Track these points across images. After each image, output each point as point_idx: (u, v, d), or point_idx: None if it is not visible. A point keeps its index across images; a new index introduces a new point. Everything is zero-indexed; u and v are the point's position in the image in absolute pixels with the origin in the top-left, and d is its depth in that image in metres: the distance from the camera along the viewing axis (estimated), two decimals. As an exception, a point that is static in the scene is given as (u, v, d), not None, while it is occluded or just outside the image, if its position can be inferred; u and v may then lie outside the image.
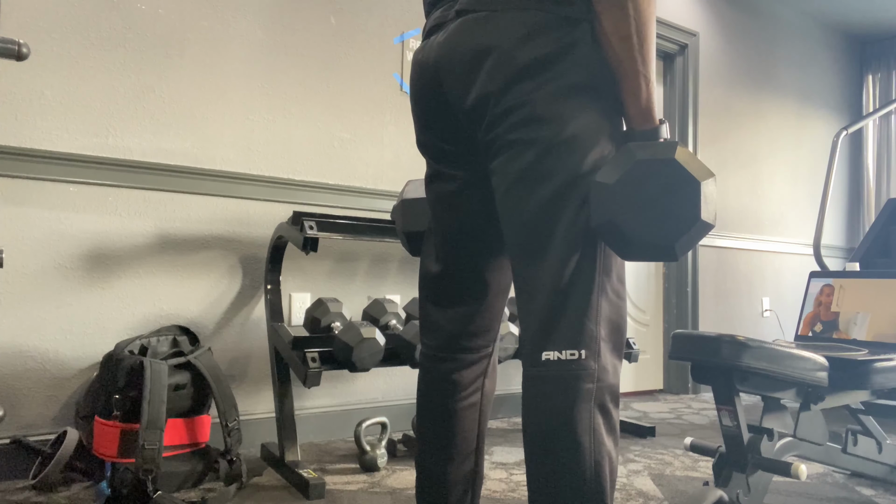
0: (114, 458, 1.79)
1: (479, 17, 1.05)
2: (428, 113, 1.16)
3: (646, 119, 1.02)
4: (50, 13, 2.05)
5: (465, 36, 1.06)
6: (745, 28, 4.26)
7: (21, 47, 1.28)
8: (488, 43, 1.03)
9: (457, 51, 1.07)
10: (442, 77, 1.10)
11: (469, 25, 1.06)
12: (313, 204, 2.53)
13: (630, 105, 1.03)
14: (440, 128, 1.15)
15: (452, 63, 1.08)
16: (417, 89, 1.17)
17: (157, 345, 2.06)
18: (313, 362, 1.95)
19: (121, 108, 2.17)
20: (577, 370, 0.97)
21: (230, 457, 1.95)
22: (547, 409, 0.98)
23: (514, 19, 1.02)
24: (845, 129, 3.25)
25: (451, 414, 1.21)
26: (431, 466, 1.23)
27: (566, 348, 0.98)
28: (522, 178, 1.02)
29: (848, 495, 2.01)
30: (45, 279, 2.03)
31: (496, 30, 1.03)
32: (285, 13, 2.51)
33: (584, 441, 0.97)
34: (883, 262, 2.77)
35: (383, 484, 2.01)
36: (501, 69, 1.01)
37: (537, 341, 1.00)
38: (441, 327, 1.23)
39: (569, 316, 0.99)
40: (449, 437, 1.22)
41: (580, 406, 0.97)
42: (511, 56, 1.01)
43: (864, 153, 4.98)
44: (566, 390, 0.97)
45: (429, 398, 1.24)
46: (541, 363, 0.99)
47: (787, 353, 1.53)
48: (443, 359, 1.23)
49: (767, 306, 4.31)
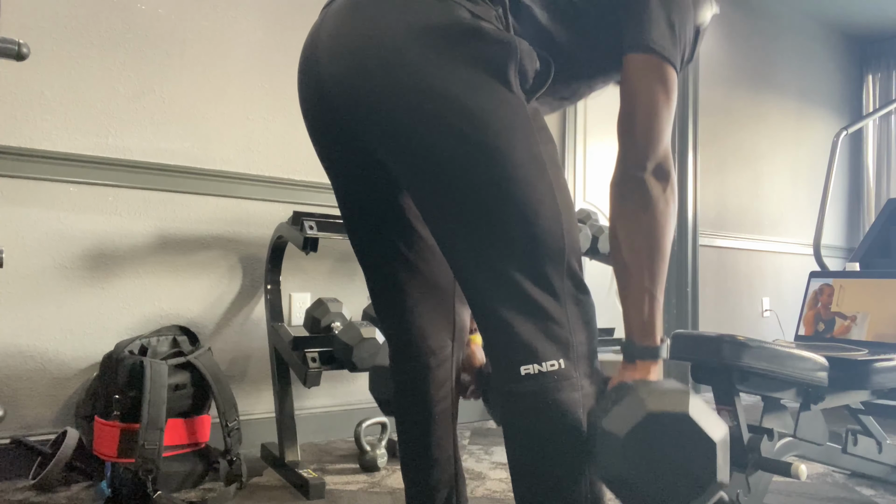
0: (114, 458, 1.79)
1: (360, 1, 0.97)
2: (311, 107, 1.08)
3: (646, 336, 0.98)
4: (50, 13, 2.05)
5: (342, 21, 0.97)
6: (745, 28, 4.26)
7: (21, 47, 1.28)
8: (371, 31, 0.94)
9: (336, 37, 0.98)
10: (321, 66, 1.00)
11: (350, 7, 0.98)
12: (313, 204, 2.53)
13: (629, 315, 0.99)
14: (326, 130, 1.07)
15: (332, 51, 0.98)
16: (300, 76, 1.08)
17: (157, 345, 2.06)
18: (313, 362, 1.95)
19: (121, 108, 2.17)
20: (561, 380, 0.92)
21: (230, 457, 1.95)
22: (536, 424, 0.93)
23: (400, 3, 0.93)
24: (845, 129, 3.25)
25: (428, 418, 1.19)
26: (415, 475, 1.21)
27: (545, 359, 0.92)
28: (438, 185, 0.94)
29: (848, 495, 2.01)
30: (45, 279, 2.03)
31: (378, 15, 0.94)
32: (285, 13, 2.51)
33: (575, 451, 0.92)
34: (883, 262, 2.77)
35: (383, 484, 2.01)
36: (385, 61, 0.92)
37: (511, 358, 0.93)
38: (393, 339, 1.20)
39: (541, 325, 0.93)
40: (427, 444, 1.19)
41: (568, 417, 0.92)
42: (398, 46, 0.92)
43: (864, 153, 4.98)
44: (550, 402, 0.91)
45: (405, 405, 1.21)
46: (520, 378, 0.92)
47: (787, 353, 1.53)
48: (405, 370, 1.19)
49: (767, 306, 4.31)
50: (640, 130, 0.98)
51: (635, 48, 0.99)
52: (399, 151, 0.96)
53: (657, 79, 0.99)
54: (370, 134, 0.98)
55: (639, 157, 0.98)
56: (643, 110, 0.98)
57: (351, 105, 0.98)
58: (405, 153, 0.95)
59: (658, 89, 0.99)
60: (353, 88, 0.96)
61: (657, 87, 0.99)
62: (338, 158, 1.11)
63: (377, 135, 0.97)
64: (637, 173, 0.98)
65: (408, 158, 0.96)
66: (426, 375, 1.19)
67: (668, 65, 0.99)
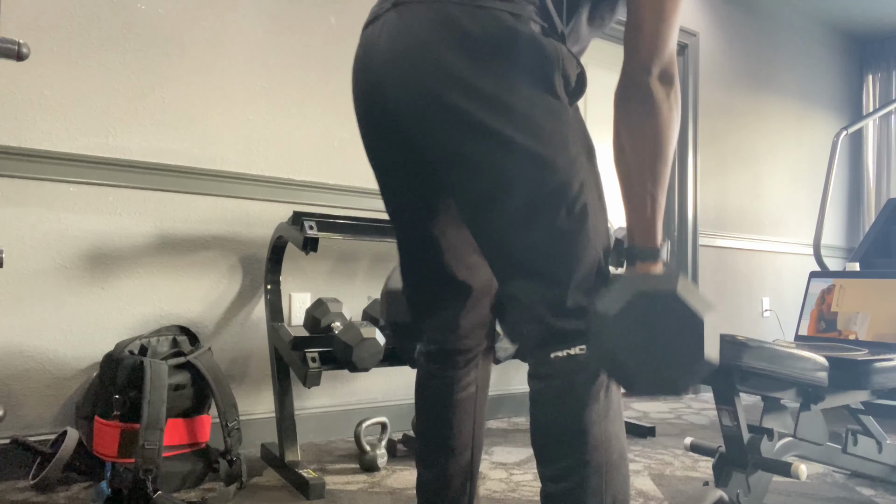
0: (114, 458, 1.79)
1: (414, 13, 1.00)
2: (367, 111, 1.11)
3: (647, 237, 0.99)
4: (50, 13, 2.05)
5: (398, 35, 1.01)
6: (745, 28, 4.26)
7: (21, 47, 1.28)
8: (424, 45, 0.98)
9: (391, 51, 1.02)
10: (380, 77, 1.05)
11: (403, 22, 1.01)
12: (313, 204, 2.53)
13: (631, 219, 1.00)
14: (381, 130, 1.11)
15: (388, 64, 1.03)
16: (356, 86, 1.12)
17: (157, 345, 2.06)
18: (313, 362, 1.95)
19: (121, 108, 2.17)
20: (587, 364, 0.98)
21: (230, 457, 1.95)
22: (559, 405, 0.98)
23: (449, 17, 0.97)
24: (845, 129, 3.25)
25: (447, 407, 1.22)
26: (432, 461, 1.23)
27: (575, 344, 0.97)
28: (486, 196, 0.99)
29: (848, 495, 2.01)
30: (45, 279, 2.03)
31: (430, 29, 0.98)
32: (285, 13, 2.51)
33: (596, 435, 0.97)
34: (883, 262, 2.77)
35: (383, 484, 2.01)
36: (439, 74, 0.97)
37: (543, 342, 0.99)
38: (430, 333, 1.23)
39: (573, 312, 0.98)
40: (447, 430, 1.22)
41: (591, 400, 0.97)
42: (447, 59, 0.96)
43: (864, 153, 4.98)
44: (576, 386, 0.97)
45: (426, 394, 1.25)
46: (549, 361, 0.99)
47: (787, 353, 1.53)
48: (436, 359, 1.23)
49: (767, 306, 4.31)
50: (646, 34, 0.99)
51: None
52: (448, 156, 1.01)
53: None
54: (423, 139, 1.03)
55: (644, 62, 0.99)
56: (650, 13, 0.99)
57: (406, 112, 1.03)
58: (454, 158, 1.00)
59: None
60: (408, 97, 1.01)
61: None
62: (391, 162, 1.15)
63: (429, 141, 1.02)
64: (642, 78, 0.99)
65: (455, 162, 1.00)
66: (454, 363, 1.22)
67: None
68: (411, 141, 1.07)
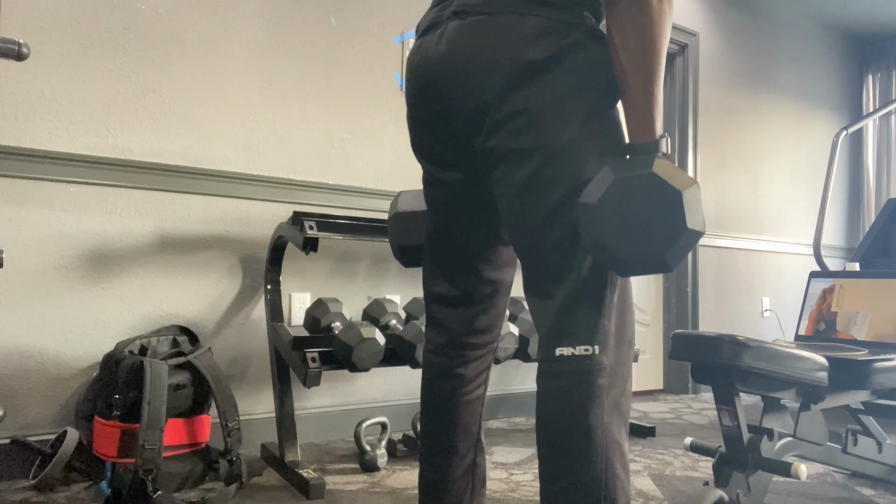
0: (114, 458, 1.79)
1: (477, 22, 1.04)
2: (424, 116, 1.15)
3: (645, 132, 1.00)
4: (50, 13, 2.05)
5: (462, 41, 1.05)
6: (745, 28, 4.26)
7: (21, 47, 1.28)
8: (487, 50, 1.02)
9: (454, 56, 1.06)
10: (439, 81, 1.09)
11: (466, 29, 1.05)
12: (313, 204, 2.53)
13: (630, 117, 1.02)
14: (436, 131, 1.14)
15: (449, 69, 1.07)
16: (413, 92, 1.16)
17: (157, 345, 2.06)
18: (313, 362, 1.95)
19: (121, 108, 2.17)
20: (591, 365, 0.99)
21: (230, 457, 1.95)
22: (562, 403, 0.99)
23: (513, 25, 1.01)
24: (845, 129, 3.25)
25: (456, 406, 1.23)
26: (436, 462, 1.24)
27: (580, 344, 0.99)
28: (527, 187, 1.02)
29: (848, 495, 2.01)
30: (45, 279, 2.03)
31: (494, 36, 1.02)
32: (285, 13, 2.51)
33: (596, 436, 0.98)
34: (883, 262, 2.77)
35: (383, 484, 2.01)
36: (499, 77, 1.01)
37: (552, 337, 1.01)
38: (447, 326, 1.24)
39: (582, 312, 1.00)
40: (453, 429, 1.23)
41: (593, 401, 0.98)
42: (509, 64, 1.00)
43: (864, 153, 4.98)
44: (580, 385, 0.98)
45: (434, 392, 1.25)
46: (555, 359, 1.00)
47: (787, 353, 1.53)
48: (449, 355, 1.24)
49: (767, 306, 4.31)
50: None
51: None
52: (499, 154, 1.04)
53: None
54: (477, 142, 1.07)
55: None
56: None
57: (464, 116, 1.06)
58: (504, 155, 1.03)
59: None
60: (473, 103, 1.04)
61: None
62: (441, 159, 1.17)
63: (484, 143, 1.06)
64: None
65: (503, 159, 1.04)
66: (465, 358, 1.24)
67: None
68: (465, 143, 1.10)
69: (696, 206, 0.94)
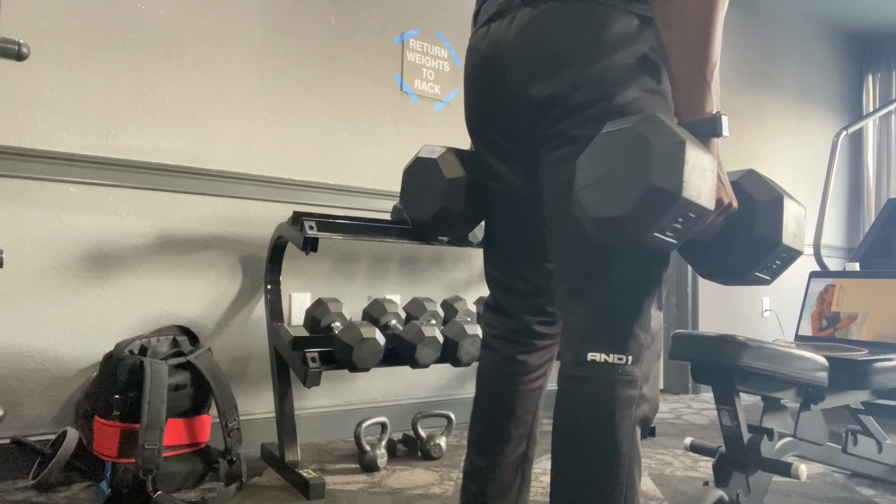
0: (114, 458, 1.79)
1: (550, 10, 1.02)
2: (484, 101, 1.13)
3: (696, 109, 0.93)
4: (50, 13, 2.05)
5: (534, 31, 1.03)
6: (745, 28, 4.26)
7: (21, 47, 1.28)
8: (559, 41, 1.00)
9: (525, 45, 1.04)
10: (506, 70, 1.07)
11: (538, 18, 1.03)
12: (313, 204, 2.53)
13: (680, 98, 0.95)
14: (495, 117, 1.12)
15: (519, 57, 1.05)
16: (476, 76, 1.14)
17: (157, 345, 2.06)
18: (313, 362, 1.95)
19: (121, 108, 2.17)
20: (623, 375, 0.95)
21: (230, 457, 1.95)
22: (588, 408, 0.96)
23: (585, 15, 0.99)
24: (845, 129, 3.25)
25: (515, 394, 1.19)
26: (487, 448, 1.20)
27: (613, 352, 0.95)
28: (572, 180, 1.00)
29: (848, 495, 2.01)
30: (45, 279, 2.03)
31: (567, 26, 1.00)
32: (285, 13, 2.51)
33: (622, 447, 0.94)
34: (883, 262, 2.77)
35: (383, 484, 2.01)
36: (572, 69, 0.99)
37: (584, 341, 0.98)
38: (513, 313, 1.21)
39: (619, 320, 0.97)
40: (509, 416, 1.19)
41: (622, 411, 0.94)
42: (583, 55, 0.99)
43: (864, 153, 4.98)
44: (609, 393, 0.95)
45: (494, 377, 1.21)
46: (585, 363, 0.97)
47: (787, 353, 1.53)
48: (514, 341, 1.21)
49: (767, 306, 4.31)
50: None
51: None
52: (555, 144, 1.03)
53: None
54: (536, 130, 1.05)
55: None
56: None
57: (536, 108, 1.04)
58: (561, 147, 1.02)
59: None
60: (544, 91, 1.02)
61: None
62: (501, 148, 1.15)
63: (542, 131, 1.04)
64: None
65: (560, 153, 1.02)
66: (532, 346, 1.20)
67: None
68: (528, 133, 1.08)
69: (672, 165, 0.82)
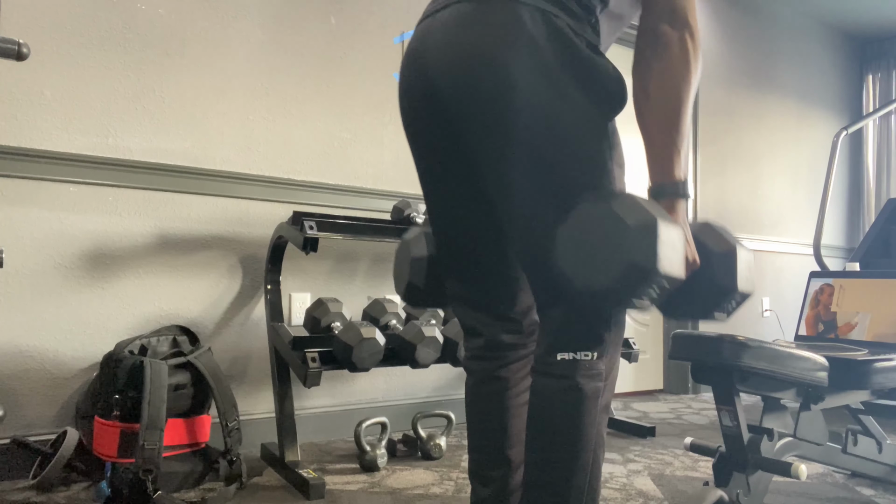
0: (114, 458, 1.79)
1: (470, 8, 1.02)
2: (417, 104, 1.12)
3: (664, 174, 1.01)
4: (50, 13, 2.05)
5: (454, 29, 1.03)
6: (745, 28, 4.26)
7: (21, 47, 1.28)
8: (473, 40, 1.01)
9: (446, 45, 1.04)
10: (430, 70, 1.07)
11: (458, 16, 1.03)
12: (313, 204, 2.53)
13: (649, 163, 1.02)
14: (429, 121, 1.12)
15: (441, 57, 1.05)
16: (407, 78, 1.13)
17: (157, 345, 2.06)
18: (313, 362, 1.95)
19: (121, 108, 2.17)
20: (590, 370, 1.01)
21: (230, 457, 1.95)
22: (558, 402, 1.02)
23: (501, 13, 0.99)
24: (845, 129, 3.25)
25: (503, 411, 1.16)
26: (488, 476, 1.17)
27: (581, 350, 1.01)
28: (523, 189, 1.02)
29: (848, 495, 2.01)
30: (45, 279, 2.03)
31: (483, 25, 1.00)
32: (285, 13, 2.51)
33: (590, 433, 1.02)
34: (883, 262, 2.77)
35: (383, 484, 2.01)
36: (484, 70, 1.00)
37: (553, 342, 1.03)
38: (479, 330, 1.19)
39: (587, 322, 1.02)
40: (503, 439, 1.16)
41: (589, 403, 1.01)
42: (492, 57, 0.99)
43: (864, 153, 4.98)
44: (578, 388, 1.01)
45: (478, 398, 1.19)
46: (555, 362, 1.02)
47: (787, 353, 1.53)
48: (489, 358, 1.19)
49: (767, 306, 4.31)
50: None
51: None
52: (499, 155, 1.03)
53: None
54: (476, 140, 1.05)
55: (658, 10, 1.02)
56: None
57: (459, 112, 1.04)
58: (504, 157, 1.02)
59: None
60: (464, 97, 1.02)
61: None
62: (435, 154, 1.16)
63: (482, 140, 1.04)
64: (654, 24, 1.01)
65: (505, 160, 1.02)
66: (506, 358, 1.19)
67: None
68: (457, 135, 1.08)
69: (649, 242, 0.89)
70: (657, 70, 1.00)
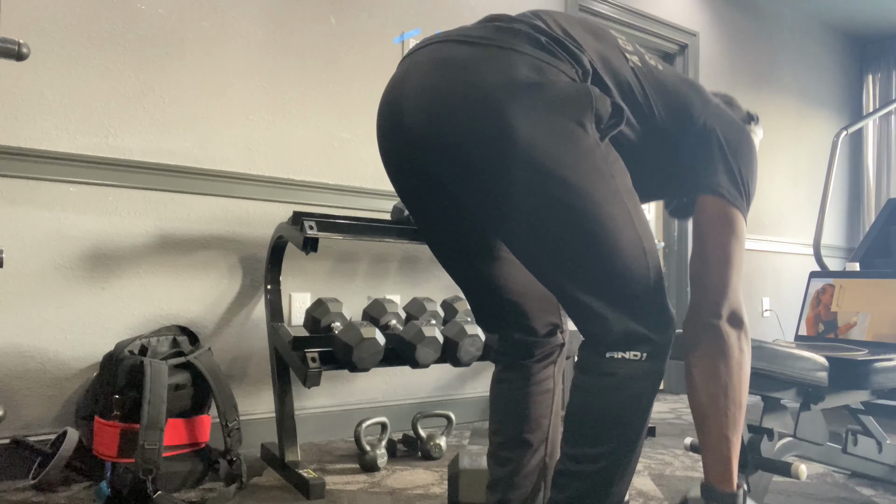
0: (114, 458, 1.79)
1: (452, 47, 1.03)
2: (390, 136, 1.13)
3: (724, 481, 1.06)
4: (50, 13, 2.05)
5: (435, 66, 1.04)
6: (745, 28, 4.26)
7: (21, 47, 1.28)
8: (453, 86, 1.01)
9: (423, 92, 1.04)
10: (403, 105, 1.07)
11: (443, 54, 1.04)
12: (313, 204, 2.53)
13: (709, 461, 1.06)
14: (410, 167, 1.13)
15: (419, 106, 1.05)
16: (383, 107, 1.13)
17: (157, 345, 2.06)
18: (313, 362, 1.95)
19: (121, 108, 2.17)
20: (638, 369, 1.01)
21: (230, 457, 1.95)
22: (605, 401, 1.02)
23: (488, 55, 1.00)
24: (845, 129, 3.24)
25: (526, 397, 1.21)
26: (506, 457, 1.22)
27: (630, 350, 1.02)
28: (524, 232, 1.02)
29: (848, 495, 2.01)
30: (45, 279, 2.03)
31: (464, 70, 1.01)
32: (285, 13, 2.51)
33: (632, 432, 1.02)
34: (883, 262, 2.77)
35: (383, 484, 2.01)
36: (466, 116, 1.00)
37: (607, 343, 1.03)
38: (496, 323, 1.24)
39: (637, 322, 1.02)
40: (523, 422, 1.21)
41: (636, 403, 1.02)
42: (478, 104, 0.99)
43: (864, 153, 4.98)
44: (628, 386, 1.01)
45: (502, 386, 1.24)
46: (605, 360, 1.02)
47: (787, 353, 1.53)
48: (509, 353, 1.24)
49: (767, 306, 4.31)
50: (714, 279, 1.07)
51: (707, 190, 1.10)
52: (483, 192, 1.02)
53: (726, 223, 1.09)
54: (455, 177, 1.05)
55: (713, 305, 1.07)
56: (715, 258, 1.08)
57: (436, 151, 1.04)
58: (489, 193, 1.02)
59: (727, 234, 1.09)
60: (440, 136, 1.02)
61: (726, 232, 1.09)
62: (418, 195, 1.17)
63: (461, 177, 1.04)
64: (712, 321, 1.07)
65: (492, 198, 1.02)
66: (531, 354, 1.22)
67: (735, 209, 1.09)
68: (440, 175, 1.08)
69: None
70: (722, 372, 1.05)
